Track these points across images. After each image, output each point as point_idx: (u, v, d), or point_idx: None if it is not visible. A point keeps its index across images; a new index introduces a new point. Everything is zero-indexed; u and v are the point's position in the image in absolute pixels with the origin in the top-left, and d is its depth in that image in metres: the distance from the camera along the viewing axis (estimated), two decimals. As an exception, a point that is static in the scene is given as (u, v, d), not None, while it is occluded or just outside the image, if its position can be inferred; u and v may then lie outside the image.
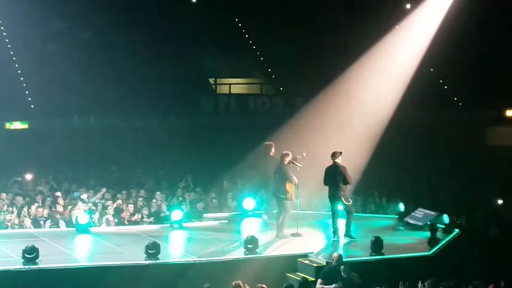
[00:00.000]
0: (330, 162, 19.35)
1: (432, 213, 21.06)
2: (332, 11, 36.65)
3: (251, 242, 17.77)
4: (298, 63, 36.68)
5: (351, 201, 19.72)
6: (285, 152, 19.61)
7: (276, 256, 17.95)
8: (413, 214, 21.49)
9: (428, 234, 19.38)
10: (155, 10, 36.62)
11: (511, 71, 34.89)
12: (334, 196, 19.25)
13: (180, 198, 24.25)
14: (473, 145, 34.15)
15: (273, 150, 20.47)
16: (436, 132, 34.51)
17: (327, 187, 19.44)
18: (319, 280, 16.22)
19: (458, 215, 23.57)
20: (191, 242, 19.80)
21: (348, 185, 19.38)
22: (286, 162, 19.43)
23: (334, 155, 19.28)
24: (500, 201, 26.39)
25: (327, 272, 16.28)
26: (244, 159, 27.03)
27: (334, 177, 19.18)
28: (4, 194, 23.29)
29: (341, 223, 19.43)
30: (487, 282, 15.18)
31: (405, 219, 21.51)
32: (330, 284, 15.93)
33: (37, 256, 16.32)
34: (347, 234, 19.29)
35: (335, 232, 19.36)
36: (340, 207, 19.23)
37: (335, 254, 16.51)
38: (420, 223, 20.86)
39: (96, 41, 34.86)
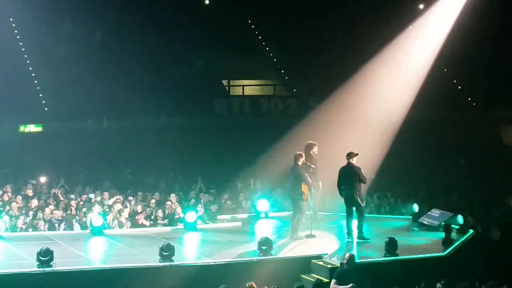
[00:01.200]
0: (344, 163, 19.31)
1: (447, 213, 20.97)
2: (345, 11, 36.65)
3: (265, 244, 17.73)
4: (311, 64, 36.66)
5: (365, 203, 19.70)
6: (298, 153, 19.50)
7: (290, 258, 17.91)
8: (427, 214, 21.40)
9: (442, 234, 19.28)
10: (168, 11, 36.70)
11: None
12: (349, 197, 19.18)
13: (193, 200, 24.24)
14: (488, 145, 34.02)
15: (314, 149, 20.41)
16: (451, 132, 34.44)
17: (341, 188, 19.41)
18: (333, 280, 16.23)
19: (472, 215, 23.47)
20: (205, 244, 19.79)
21: (362, 185, 19.32)
22: (300, 163, 19.36)
23: (349, 155, 19.16)
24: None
25: (341, 272, 16.27)
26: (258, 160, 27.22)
27: (349, 177, 19.08)
28: (19, 197, 23.40)
29: (356, 224, 19.37)
30: (501, 283, 15.10)
31: (420, 219, 21.41)
32: (344, 284, 15.92)
33: (51, 259, 16.33)
34: (360, 236, 19.21)
35: (349, 233, 19.29)
36: (354, 207, 19.16)
37: (347, 255, 16.51)
38: (434, 224, 20.77)
39: (108, 43, 34.99)
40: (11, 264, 16.81)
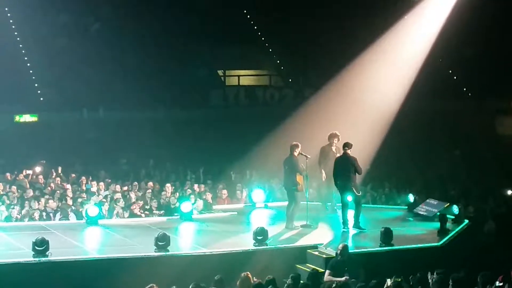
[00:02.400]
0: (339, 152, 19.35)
1: (442, 203, 21.00)
2: (340, 1, 36.60)
3: (261, 234, 17.75)
4: (307, 55, 36.62)
5: (360, 192, 19.71)
6: (294, 143, 19.55)
7: (285, 248, 17.94)
8: (422, 205, 21.42)
9: (437, 225, 19.29)
10: (164, 1, 36.60)
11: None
12: (344, 187, 19.19)
13: (189, 190, 24.26)
14: (482, 135, 34.03)
15: (334, 140, 20.56)
16: (446, 122, 34.44)
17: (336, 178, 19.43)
18: (327, 272, 16.22)
19: (467, 205, 23.50)
20: (200, 234, 19.82)
21: (357, 176, 19.35)
22: (296, 153, 19.38)
23: (346, 145, 19.19)
24: (510, 192, 26.28)
25: (335, 263, 16.26)
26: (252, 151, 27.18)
27: (344, 167, 19.10)
28: (14, 187, 23.39)
29: (351, 214, 19.41)
30: (497, 273, 15.13)
31: (415, 210, 21.44)
32: (338, 275, 15.93)
33: (47, 249, 16.34)
34: (356, 225, 19.25)
35: (345, 223, 19.32)
36: (349, 198, 19.18)
37: (340, 245, 16.49)
38: (430, 214, 20.79)
39: (104, 33, 34.93)
40: (6, 254, 16.81)
